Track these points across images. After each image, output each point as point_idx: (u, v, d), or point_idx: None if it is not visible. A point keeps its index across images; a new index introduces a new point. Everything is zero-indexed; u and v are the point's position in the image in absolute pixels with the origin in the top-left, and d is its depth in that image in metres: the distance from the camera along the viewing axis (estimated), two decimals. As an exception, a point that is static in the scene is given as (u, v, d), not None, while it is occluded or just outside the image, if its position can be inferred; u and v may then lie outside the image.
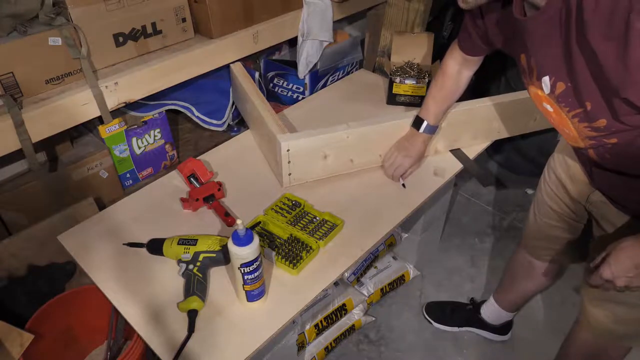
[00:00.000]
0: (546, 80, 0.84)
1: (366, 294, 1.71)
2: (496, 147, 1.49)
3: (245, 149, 1.43)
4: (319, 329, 1.53)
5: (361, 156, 1.30)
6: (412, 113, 1.32)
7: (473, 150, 1.41)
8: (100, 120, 1.26)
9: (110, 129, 1.31)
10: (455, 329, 1.70)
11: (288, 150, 1.20)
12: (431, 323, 1.71)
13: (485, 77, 2.35)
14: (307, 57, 1.65)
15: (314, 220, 1.16)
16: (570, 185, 1.13)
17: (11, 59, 1.07)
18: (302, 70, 1.68)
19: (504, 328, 1.66)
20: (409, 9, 1.73)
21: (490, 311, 1.63)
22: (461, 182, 2.33)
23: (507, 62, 2.03)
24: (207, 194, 1.20)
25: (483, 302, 1.68)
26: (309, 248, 1.08)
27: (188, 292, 0.98)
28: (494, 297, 1.63)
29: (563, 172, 1.15)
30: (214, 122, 1.58)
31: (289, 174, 1.25)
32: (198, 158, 1.35)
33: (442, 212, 1.81)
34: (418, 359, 1.63)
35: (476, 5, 0.91)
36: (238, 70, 1.48)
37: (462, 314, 1.70)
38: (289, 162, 1.22)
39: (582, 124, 0.84)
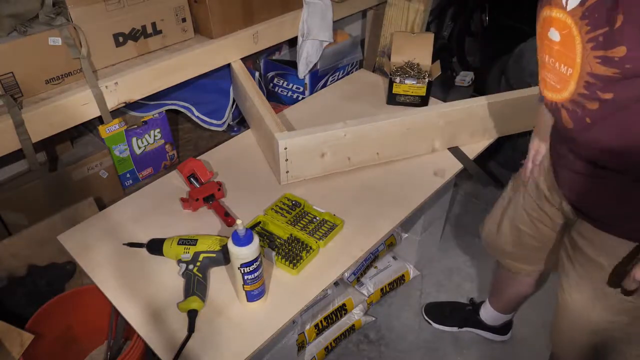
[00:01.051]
0: None
1: (366, 294, 1.71)
2: (496, 147, 1.49)
3: (245, 149, 1.43)
4: (319, 329, 1.53)
5: (359, 154, 1.30)
6: (412, 112, 1.32)
7: (473, 149, 1.41)
8: (100, 120, 1.26)
9: (110, 129, 1.31)
10: (455, 329, 1.70)
11: (285, 149, 1.20)
12: (430, 324, 1.71)
13: (485, 76, 2.36)
14: (307, 57, 1.65)
15: (314, 220, 1.16)
16: (547, 192, 1.11)
17: (11, 59, 1.07)
18: (302, 70, 1.68)
19: (503, 328, 1.66)
20: (409, 9, 1.73)
21: (488, 313, 1.63)
22: (461, 182, 2.33)
23: (507, 62, 2.03)
24: (207, 194, 1.20)
25: (482, 302, 1.68)
26: (309, 248, 1.08)
27: (188, 292, 0.98)
28: (489, 301, 1.63)
29: (541, 178, 1.12)
30: (214, 122, 1.58)
31: (287, 172, 1.25)
32: (198, 158, 1.35)
33: (442, 212, 1.81)
34: (418, 359, 1.63)
35: None
36: (238, 68, 1.48)
37: (462, 314, 1.70)
38: (286, 160, 1.22)
39: (595, 52, 0.74)
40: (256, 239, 0.90)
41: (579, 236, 1.01)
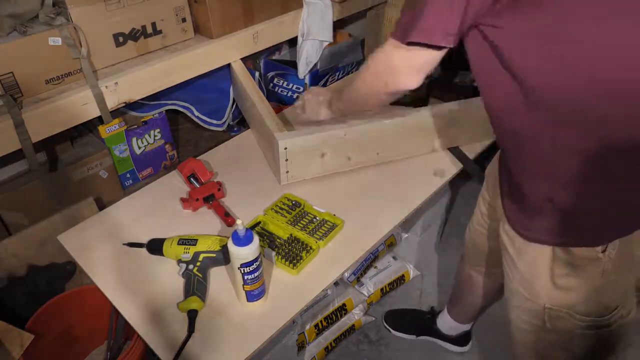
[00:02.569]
0: None
1: (366, 294, 1.71)
2: (496, 147, 1.49)
3: (245, 149, 1.43)
4: (319, 329, 1.53)
5: (358, 154, 1.30)
6: (412, 112, 1.32)
7: (473, 149, 1.41)
8: (100, 120, 1.26)
9: (110, 129, 1.31)
10: (413, 337, 1.68)
11: (285, 149, 1.20)
12: (390, 331, 1.70)
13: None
14: (307, 57, 1.64)
15: (314, 220, 1.16)
16: (491, 185, 1.12)
17: (11, 59, 1.07)
18: (302, 70, 1.68)
19: (460, 339, 1.64)
20: (409, 9, 1.73)
21: (444, 322, 1.62)
22: (461, 182, 2.33)
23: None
24: (207, 194, 1.20)
25: (440, 312, 1.66)
26: (309, 248, 1.08)
27: (188, 292, 0.98)
28: (447, 308, 1.61)
29: (491, 176, 1.13)
30: (214, 122, 1.58)
31: (287, 172, 1.25)
32: (198, 158, 1.35)
33: (442, 212, 1.81)
34: (418, 359, 1.63)
35: None
36: (238, 68, 1.48)
37: (420, 322, 1.68)
38: (286, 160, 1.22)
39: None
40: (256, 239, 0.90)
41: (504, 233, 0.99)
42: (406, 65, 0.84)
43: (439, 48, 0.79)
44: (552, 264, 0.88)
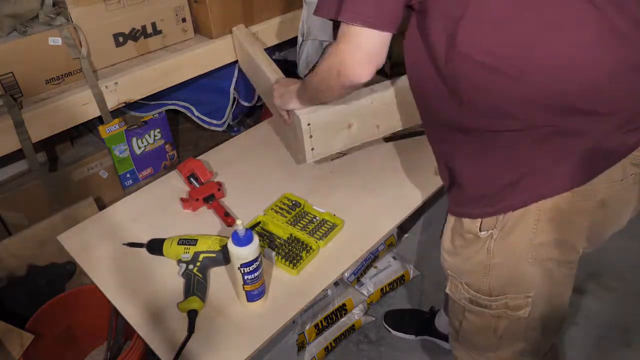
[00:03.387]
0: None
1: (366, 294, 1.71)
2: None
3: (245, 149, 1.43)
4: (319, 329, 1.53)
5: (387, 121, 1.23)
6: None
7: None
8: (100, 120, 1.26)
9: (110, 129, 1.31)
10: (413, 337, 1.68)
11: (309, 124, 1.12)
12: (390, 331, 1.70)
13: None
14: (307, 57, 1.64)
15: (314, 220, 1.16)
16: None
17: (11, 59, 1.07)
18: (302, 71, 1.67)
19: None
20: (409, 9, 1.73)
21: (442, 321, 1.60)
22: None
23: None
24: (207, 194, 1.20)
25: (439, 311, 1.64)
26: (308, 248, 1.08)
27: (188, 292, 0.98)
28: (443, 308, 1.59)
29: None
30: (214, 122, 1.58)
31: (312, 149, 1.17)
32: (198, 158, 1.35)
33: (442, 212, 1.81)
34: (417, 359, 1.63)
35: None
36: (242, 35, 1.38)
37: (420, 322, 1.67)
38: (310, 136, 1.14)
39: None
40: (256, 239, 0.90)
41: None
42: (354, 58, 0.88)
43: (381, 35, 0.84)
44: (452, 233, 0.96)
